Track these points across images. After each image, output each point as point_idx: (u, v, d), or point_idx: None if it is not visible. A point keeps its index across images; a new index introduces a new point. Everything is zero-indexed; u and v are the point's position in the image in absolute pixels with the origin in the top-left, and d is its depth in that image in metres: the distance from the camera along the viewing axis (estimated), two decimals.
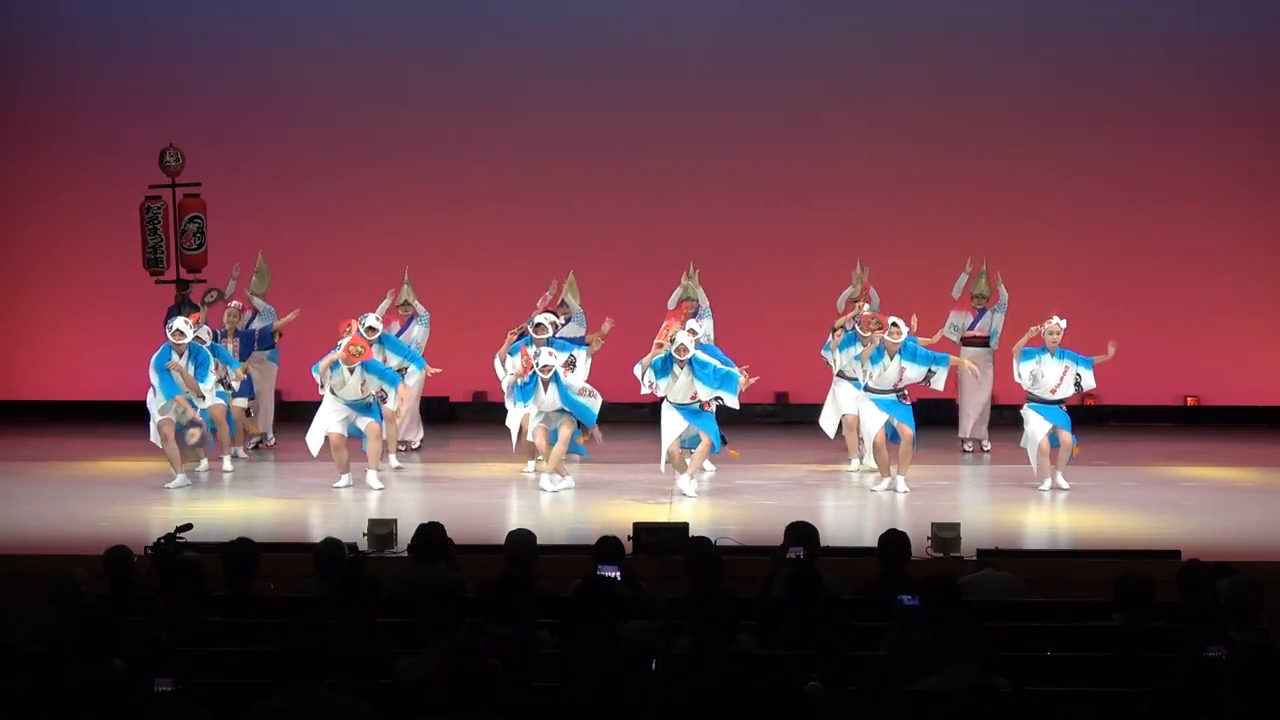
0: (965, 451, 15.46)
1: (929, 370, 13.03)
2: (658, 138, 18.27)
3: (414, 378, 14.61)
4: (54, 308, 18.09)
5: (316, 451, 13.28)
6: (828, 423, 14.45)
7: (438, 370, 14.41)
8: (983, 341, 15.31)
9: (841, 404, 14.04)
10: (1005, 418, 15.50)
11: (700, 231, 17.61)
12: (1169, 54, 18.12)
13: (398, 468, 14.11)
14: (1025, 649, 7.04)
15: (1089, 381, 13.23)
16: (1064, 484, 13.00)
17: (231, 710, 5.87)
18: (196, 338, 13.57)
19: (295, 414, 13.02)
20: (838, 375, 14.15)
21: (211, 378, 13.55)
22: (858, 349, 13.45)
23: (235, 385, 14.15)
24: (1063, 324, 13.24)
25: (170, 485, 13.07)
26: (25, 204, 18.54)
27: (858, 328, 13.69)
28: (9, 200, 18.60)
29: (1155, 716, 5.39)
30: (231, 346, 14.58)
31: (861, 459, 13.87)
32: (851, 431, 13.84)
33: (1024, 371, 13.22)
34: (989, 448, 15.45)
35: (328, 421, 13.22)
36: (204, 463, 13.94)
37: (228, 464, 13.94)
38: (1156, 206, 18.23)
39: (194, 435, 13.52)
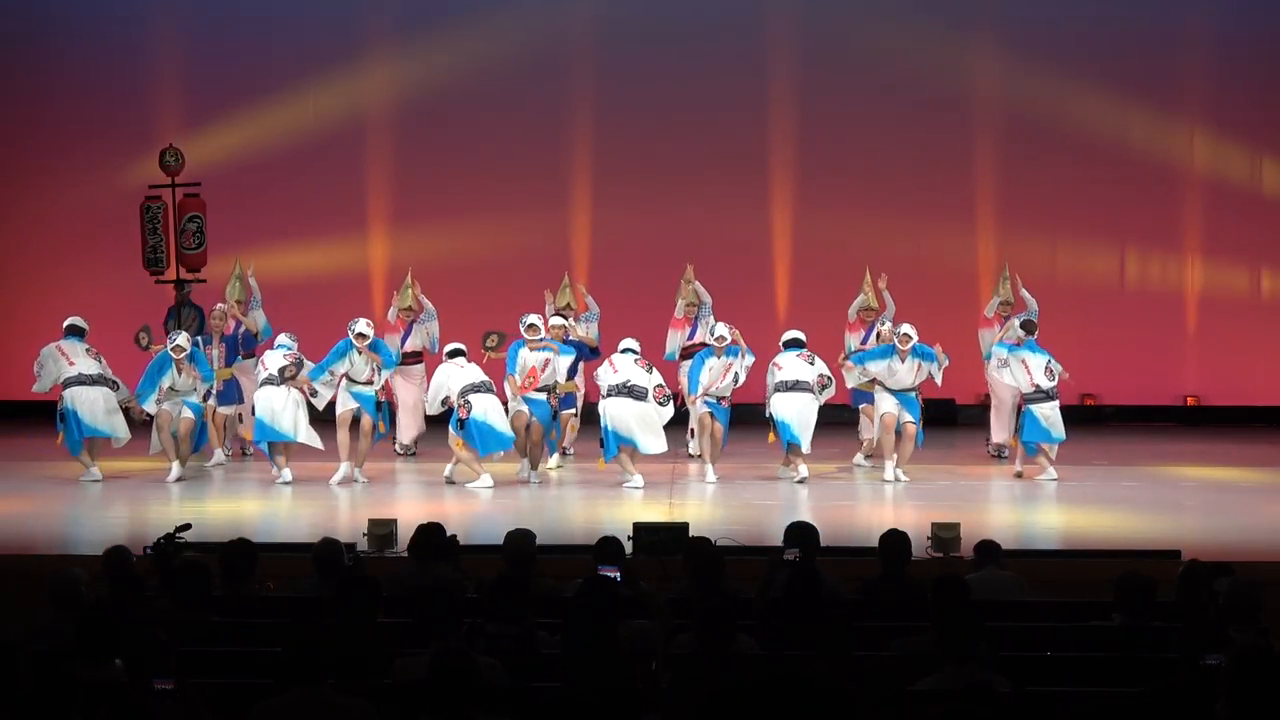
0: (992, 456, 15.06)
1: (936, 364, 13.71)
2: (660, 140, 18.26)
3: (411, 378, 14.62)
4: (54, 308, 18.06)
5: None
6: (864, 430, 14.39)
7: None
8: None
9: (883, 406, 13.87)
10: None
11: (703, 231, 17.59)
12: (1165, 51, 18.13)
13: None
14: (1025, 649, 7.04)
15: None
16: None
17: (231, 710, 5.87)
18: (176, 345, 13.53)
19: None
20: (881, 386, 14.02)
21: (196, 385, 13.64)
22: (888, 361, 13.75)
23: (206, 395, 13.94)
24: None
25: (170, 479, 13.18)
26: (25, 204, 18.56)
27: (898, 343, 13.72)
28: (9, 200, 18.62)
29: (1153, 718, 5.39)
30: (217, 352, 14.39)
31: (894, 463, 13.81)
32: (888, 433, 13.72)
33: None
34: (1007, 454, 14.97)
35: (342, 405, 13.45)
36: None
37: (175, 471, 13.42)
38: (1156, 206, 18.23)
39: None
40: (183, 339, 13.61)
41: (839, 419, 15.02)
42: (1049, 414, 13.55)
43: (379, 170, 18.47)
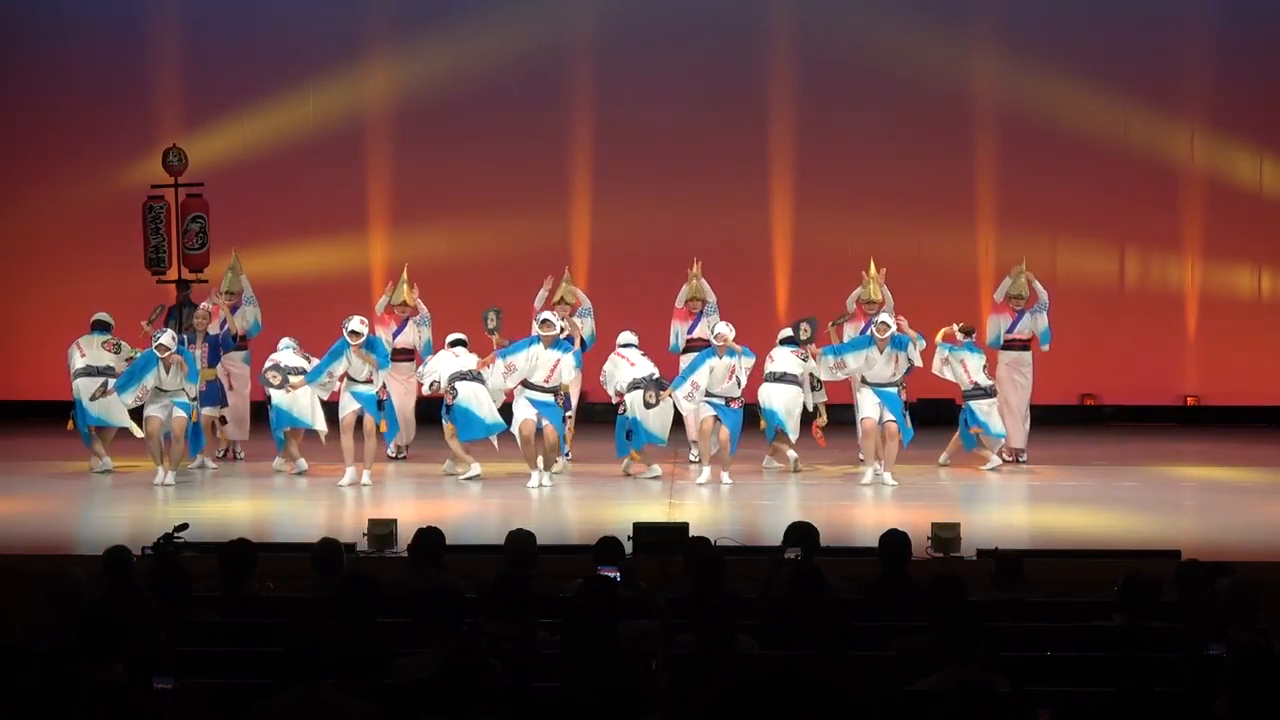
0: (1003, 460, 14.51)
1: (912, 345, 13.70)
2: (660, 140, 18.25)
3: (403, 377, 14.63)
4: (55, 308, 18.09)
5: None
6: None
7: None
8: (1022, 345, 14.77)
9: (862, 409, 13.83)
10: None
11: (703, 231, 17.56)
12: (1165, 51, 18.13)
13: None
14: (1025, 649, 7.04)
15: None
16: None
17: (231, 710, 5.87)
18: (160, 345, 13.30)
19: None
20: (861, 382, 14.02)
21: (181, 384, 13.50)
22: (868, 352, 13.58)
23: (192, 393, 13.68)
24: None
25: (157, 482, 13.08)
26: (27, 203, 18.55)
27: (874, 332, 13.61)
28: (11, 200, 18.62)
29: (1153, 716, 5.40)
30: (199, 352, 14.13)
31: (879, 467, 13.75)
32: (868, 438, 13.67)
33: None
34: (1025, 459, 14.69)
35: (345, 407, 13.44)
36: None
37: (170, 478, 13.16)
38: (1156, 206, 18.23)
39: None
40: (166, 338, 13.38)
41: (839, 419, 14.96)
42: (987, 409, 14.15)
43: (379, 170, 18.46)
